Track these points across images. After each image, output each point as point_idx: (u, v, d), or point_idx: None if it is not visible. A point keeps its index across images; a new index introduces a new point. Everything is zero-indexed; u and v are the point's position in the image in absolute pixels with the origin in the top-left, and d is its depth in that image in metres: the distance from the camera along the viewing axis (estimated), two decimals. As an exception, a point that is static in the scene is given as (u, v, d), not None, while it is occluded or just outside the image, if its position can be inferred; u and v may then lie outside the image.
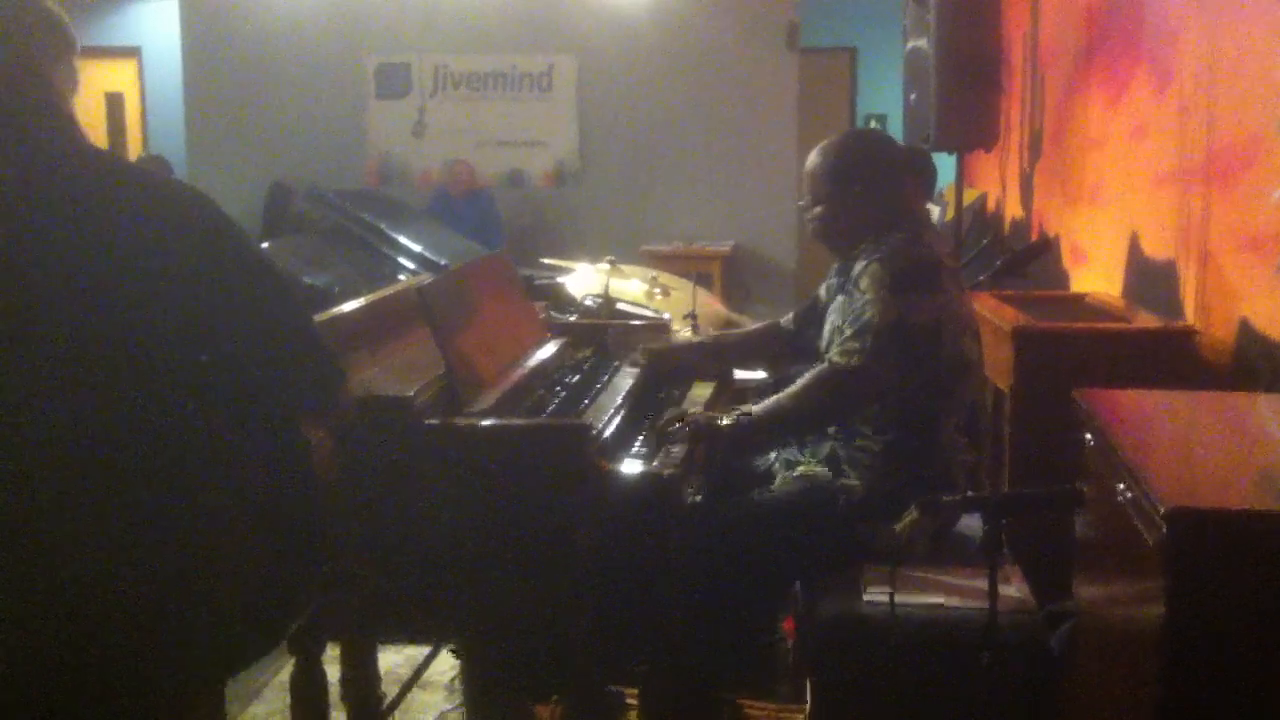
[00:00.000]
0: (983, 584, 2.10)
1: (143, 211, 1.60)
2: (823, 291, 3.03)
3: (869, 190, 2.81)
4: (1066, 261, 4.72)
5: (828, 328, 2.85)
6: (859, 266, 2.74)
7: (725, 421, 2.67)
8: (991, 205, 6.42)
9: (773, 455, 2.92)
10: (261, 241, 6.72)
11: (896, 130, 6.13)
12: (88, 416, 1.54)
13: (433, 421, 2.38)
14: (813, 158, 2.89)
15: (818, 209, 2.88)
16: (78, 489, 1.53)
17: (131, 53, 10.79)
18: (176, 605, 1.59)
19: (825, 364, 2.67)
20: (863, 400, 2.67)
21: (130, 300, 1.55)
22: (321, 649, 2.44)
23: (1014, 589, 2.55)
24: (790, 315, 3.22)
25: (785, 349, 3.23)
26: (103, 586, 1.54)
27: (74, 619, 1.54)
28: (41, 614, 1.53)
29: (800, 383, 2.69)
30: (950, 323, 2.70)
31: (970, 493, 2.44)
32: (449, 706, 3.39)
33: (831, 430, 2.76)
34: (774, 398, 2.75)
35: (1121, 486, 1.78)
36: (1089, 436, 2.09)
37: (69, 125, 1.64)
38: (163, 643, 1.59)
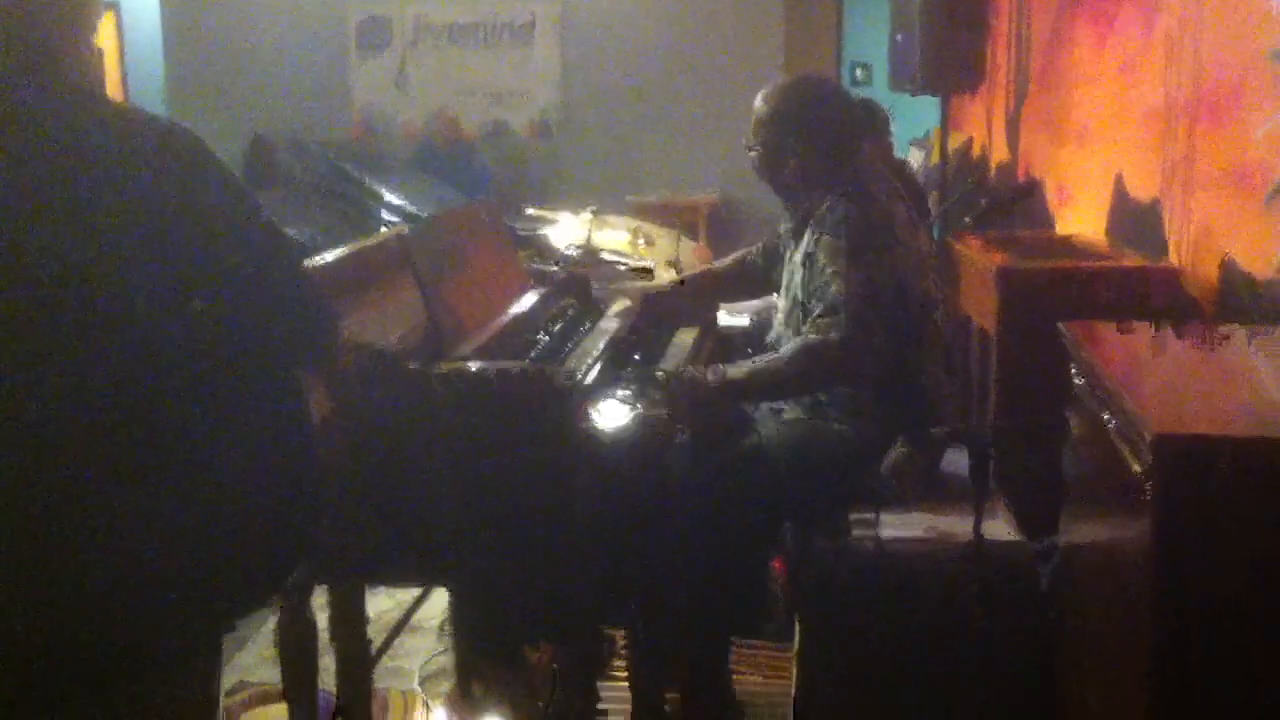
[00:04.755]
0: (970, 522, 2.11)
1: (122, 146, 1.56)
2: (781, 231, 3.04)
3: (806, 142, 2.81)
4: (1052, 203, 4.70)
5: (787, 293, 2.85)
6: (810, 237, 2.74)
7: (710, 378, 2.66)
8: (977, 149, 6.39)
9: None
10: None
11: (881, 76, 6.09)
12: (77, 368, 1.51)
13: (415, 367, 2.37)
14: (757, 100, 2.89)
15: (755, 153, 2.89)
16: (70, 441, 1.51)
17: (109, 7, 10.64)
18: (175, 555, 1.57)
19: (802, 340, 2.65)
20: (847, 370, 2.66)
21: (114, 241, 1.52)
22: (309, 594, 2.44)
23: (1002, 526, 2.56)
24: (758, 247, 3.22)
25: (760, 282, 3.23)
26: (99, 537, 1.53)
27: (69, 571, 1.52)
28: (37, 567, 1.52)
29: (782, 357, 2.68)
30: (911, 271, 2.70)
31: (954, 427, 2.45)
32: (438, 650, 3.40)
33: None
34: (755, 365, 2.74)
35: (1108, 416, 1.78)
36: (1075, 368, 2.08)
37: (41, 59, 1.59)
38: (161, 594, 1.57)
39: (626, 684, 2.69)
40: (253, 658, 3.39)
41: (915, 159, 6.61)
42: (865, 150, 2.96)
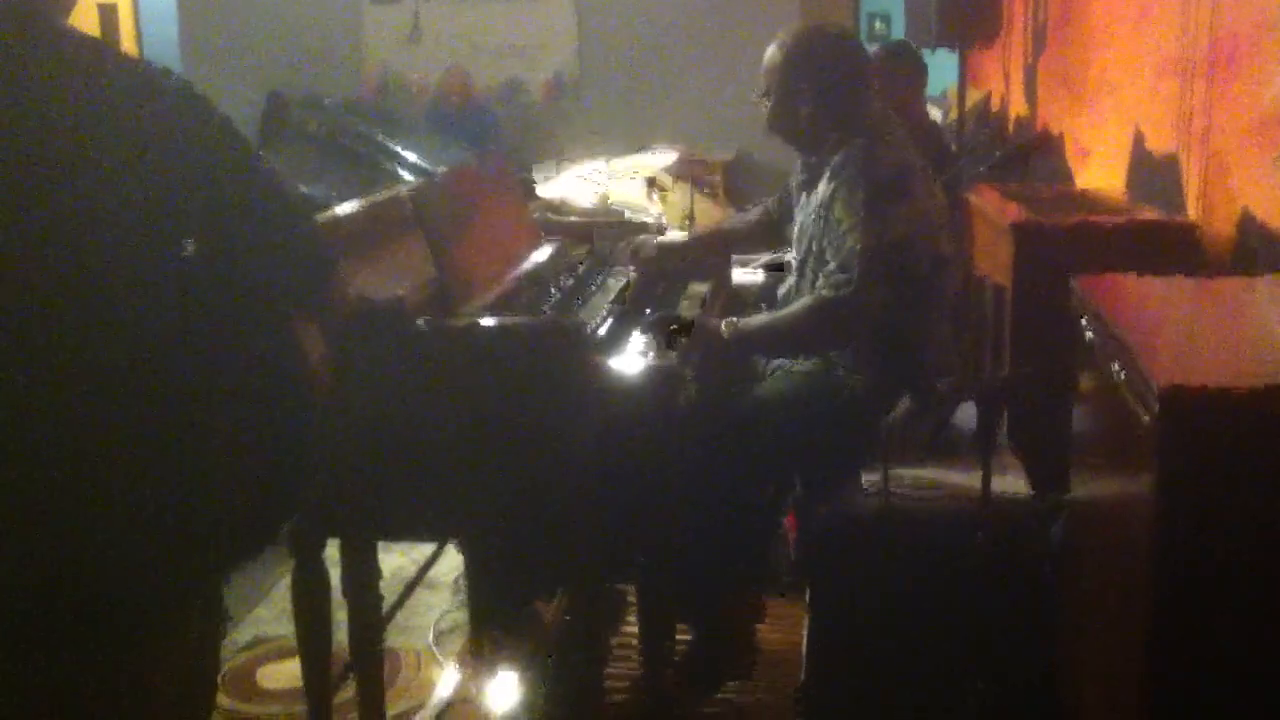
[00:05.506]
0: (978, 476, 2.10)
1: (101, 92, 1.54)
2: (792, 184, 3.02)
3: (819, 91, 2.77)
4: (1071, 157, 4.66)
5: (800, 244, 2.84)
6: (826, 189, 2.72)
7: (725, 328, 2.67)
8: (996, 104, 6.33)
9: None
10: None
11: (898, 28, 6.04)
12: (65, 314, 1.50)
13: (425, 322, 2.37)
14: (769, 49, 2.86)
15: (767, 102, 2.85)
16: (60, 391, 1.50)
17: (123, -35, 10.60)
18: (164, 506, 1.57)
19: (817, 296, 2.65)
20: (859, 327, 2.66)
21: (95, 185, 1.50)
22: (321, 546, 2.45)
23: (1014, 483, 2.55)
24: (773, 200, 3.21)
25: (773, 235, 3.22)
26: (90, 486, 1.52)
27: (60, 521, 1.51)
28: (28, 516, 1.51)
29: (795, 312, 2.69)
30: (924, 226, 2.69)
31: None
32: (452, 607, 3.42)
33: None
34: (769, 319, 2.74)
35: (1117, 367, 1.77)
36: (1085, 321, 2.07)
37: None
38: (151, 544, 1.57)
39: (636, 639, 2.70)
40: (271, 612, 3.41)
41: (934, 116, 6.55)
42: (883, 99, 2.93)
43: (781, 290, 2.95)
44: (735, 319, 2.73)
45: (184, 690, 1.70)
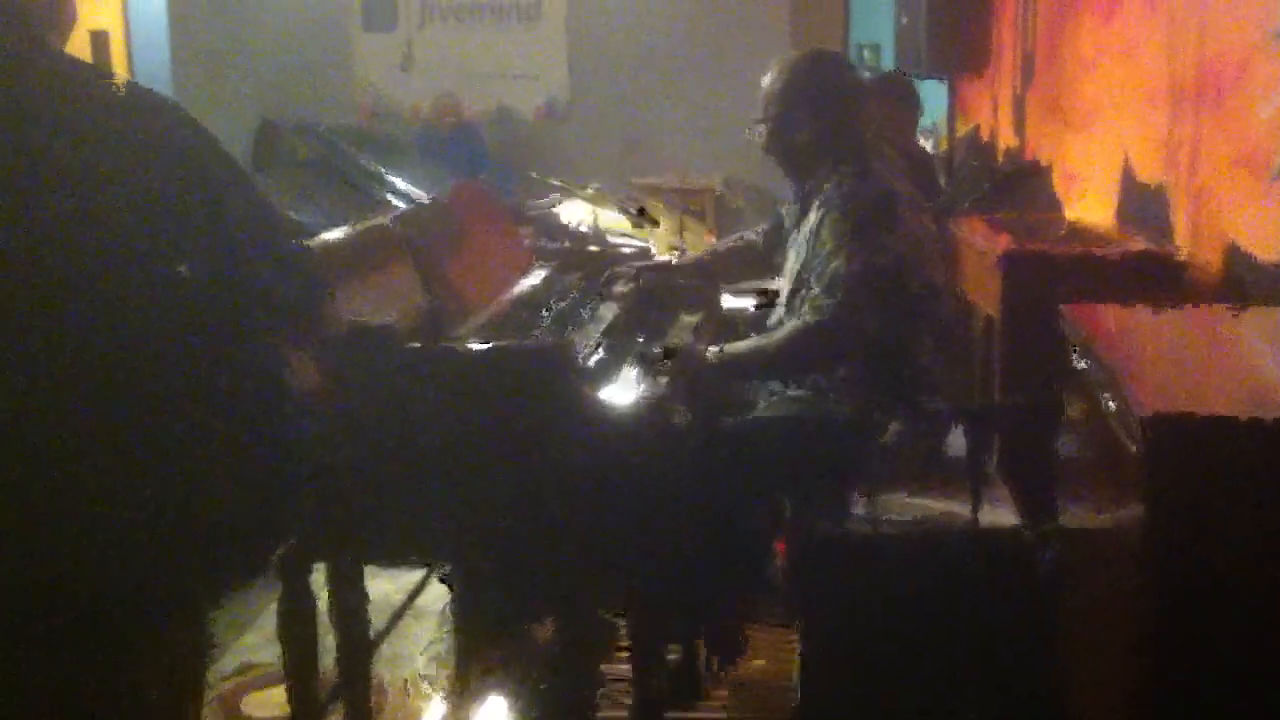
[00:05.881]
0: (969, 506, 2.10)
1: (99, 103, 1.56)
2: (784, 212, 3.03)
3: (817, 115, 2.79)
4: (1060, 188, 4.68)
5: (790, 274, 2.84)
6: (815, 215, 2.74)
7: (710, 354, 2.68)
8: (985, 135, 6.36)
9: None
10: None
11: (888, 58, 6.08)
12: (66, 322, 1.50)
13: (415, 346, 2.37)
14: (767, 75, 2.88)
15: (764, 127, 2.87)
16: (62, 394, 1.50)
17: (115, -10, 10.63)
18: (165, 509, 1.56)
19: (800, 321, 2.66)
20: (843, 351, 2.67)
21: (93, 197, 1.51)
22: (308, 572, 2.44)
23: (1004, 512, 2.55)
24: (760, 229, 3.22)
25: (760, 264, 3.22)
26: (92, 488, 1.52)
27: (60, 521, 1.51)
28: (28, 516, 1.51)
29: (778, 337, 2.70)
30: (913, 253, 2.70)
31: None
32: (440, 636, 3.39)
33: None
34: (753, 344, 2.75)
35: (1106, 397, 1.77)
36: (1074, 350, 2.08)
37: (18, 25, 1.58)
38: (152, 547, 1.56)
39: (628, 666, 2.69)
40: (258, 639, 3.39)
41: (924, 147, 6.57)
42: (877, 126, 2.96)
43: (771, 321, 2.96)
44: (721, 344, 2.74)
45: (180, 701, 1.70)
